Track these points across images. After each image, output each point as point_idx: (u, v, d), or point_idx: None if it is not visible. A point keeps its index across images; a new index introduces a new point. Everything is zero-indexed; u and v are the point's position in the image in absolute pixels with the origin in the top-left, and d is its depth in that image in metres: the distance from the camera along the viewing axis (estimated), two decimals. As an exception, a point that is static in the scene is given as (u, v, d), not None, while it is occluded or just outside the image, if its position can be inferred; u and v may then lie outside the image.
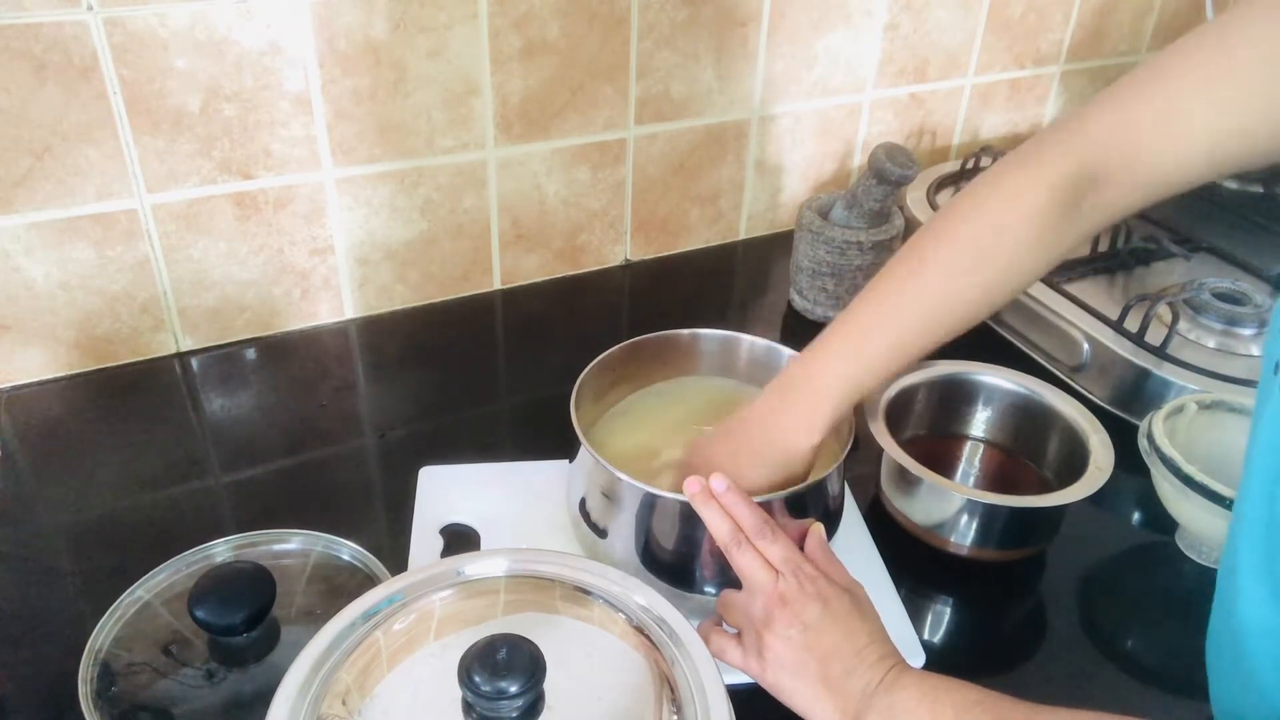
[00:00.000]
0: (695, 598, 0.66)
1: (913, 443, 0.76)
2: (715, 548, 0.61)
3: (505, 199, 1.03)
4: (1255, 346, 0.91)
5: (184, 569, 0.66)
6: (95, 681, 0.58)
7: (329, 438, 0.86)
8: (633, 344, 0.77)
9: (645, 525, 0.66)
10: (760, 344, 0.78)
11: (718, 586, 0.65)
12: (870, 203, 0.98)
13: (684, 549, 0.66)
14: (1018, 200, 0.61)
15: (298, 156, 0.91)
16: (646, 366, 0.79)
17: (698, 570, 0.66)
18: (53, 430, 0.86)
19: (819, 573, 0.59)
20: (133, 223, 0.87)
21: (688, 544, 0.65)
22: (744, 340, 0.79)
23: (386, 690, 0.47)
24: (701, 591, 0.66)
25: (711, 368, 0.80)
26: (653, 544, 0.66)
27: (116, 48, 0.80)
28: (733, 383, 0.80)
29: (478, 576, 0.54)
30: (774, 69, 1.10)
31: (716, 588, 0.65)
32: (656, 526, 0.66)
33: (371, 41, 0.88)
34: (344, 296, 1.01)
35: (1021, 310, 0.99)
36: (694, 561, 0.66)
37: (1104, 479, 0.70)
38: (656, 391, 0.80)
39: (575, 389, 0.71)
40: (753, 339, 0.79)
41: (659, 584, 0.66)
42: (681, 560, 0.66)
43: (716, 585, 0.66)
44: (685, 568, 0.66)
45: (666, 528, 0.65)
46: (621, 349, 0.76)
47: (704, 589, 0.66)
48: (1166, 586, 0.75)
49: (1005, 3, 1.20)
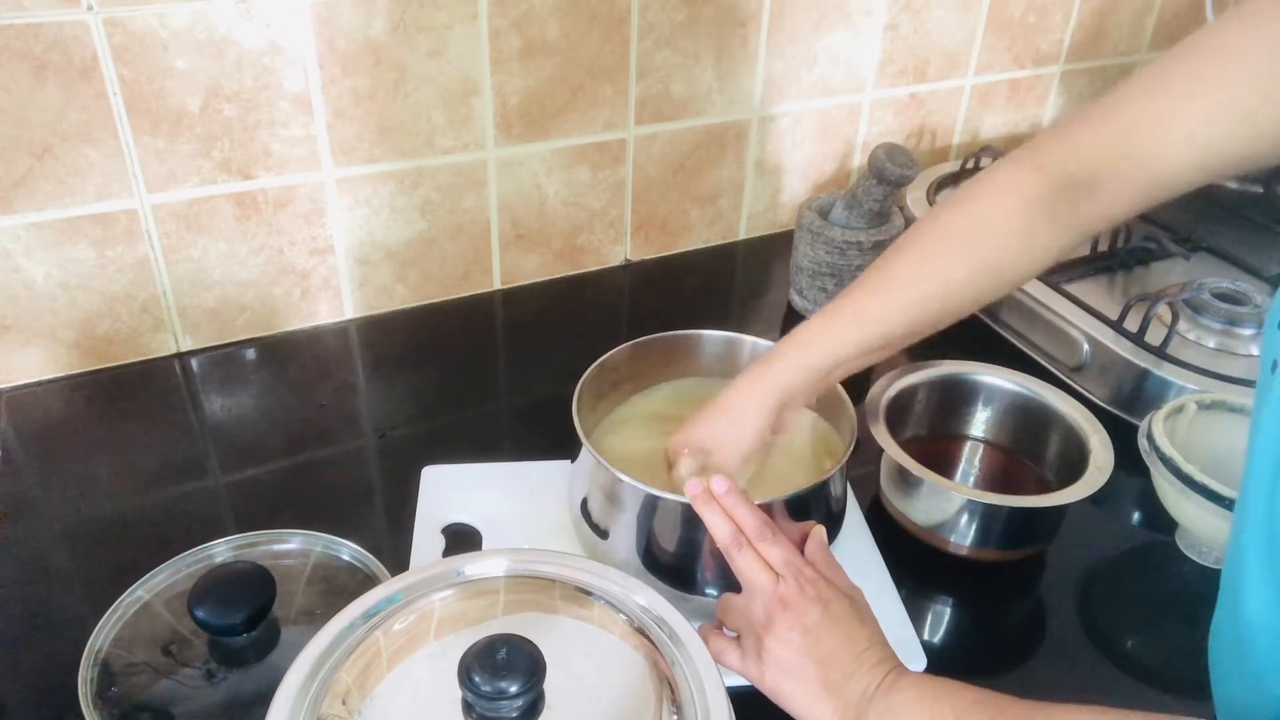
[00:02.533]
0: (696, 599, 0.66)
1: (913, 443, 0.76)
2: (716, 549, 0.61)
3: (505, 199, 1.03)
4: (1255, 346, 0.91)
5: (184, 569, 0.66)
6: (95, 681, 0.58)
7: (329, 438, 0.86)
8: (635, 344, 0.77)
9: (646, 527, 0.66)
10: (763, 345, 0.78)
11: (719, 588, 0.65)
12: (870, 203, 0.98)
13: (685, 551, 0.66)
14: (1007, 194, 0.62)
15: (298, 156, 0.91)
16: (649, 367, 0.79)
17: (699, 572, 0.66)
18: (53, 430, 0.86)
19: (819, 575, 0.59)
20: (133, 223, 0.87)
21: (689, 546, 0.65)
22: (747, 341, 0.79)
23: (386, 690, 0.47)
24: (702, 593, 0.66)
25: (714, 369, 0.80)
26: (654, 545, 0.66)
27: (116, 48, 0.80)
28: None
29: (478, 576, 0.54)
30: (774, 69, 1.10)
31: (718, 590, 0.65)
32: (658, 528, 0.66)
33: (371, 41, 0.88)
34: (344, 296, 1.00)
35: (1021, 310, 0.99)
36: (695, 563, 0.66)
37: (1104, 479, 0.70)
38: (659, 392, 0.80)
39: (577, 389, 0.71)
40: (755, 340, 0.78)
41: (660, 585, 0.66)
42: (683, 562, 0.66)
43: (718, 587, 0.66)
44: (686, 569, 0.66)
45: (668, 529, 0.65)
46: (624, 349, 0.76)
47: (705, 591, 0.66)
48: (1166, 586, 0.75)
49: (1005, 3, 1.20)
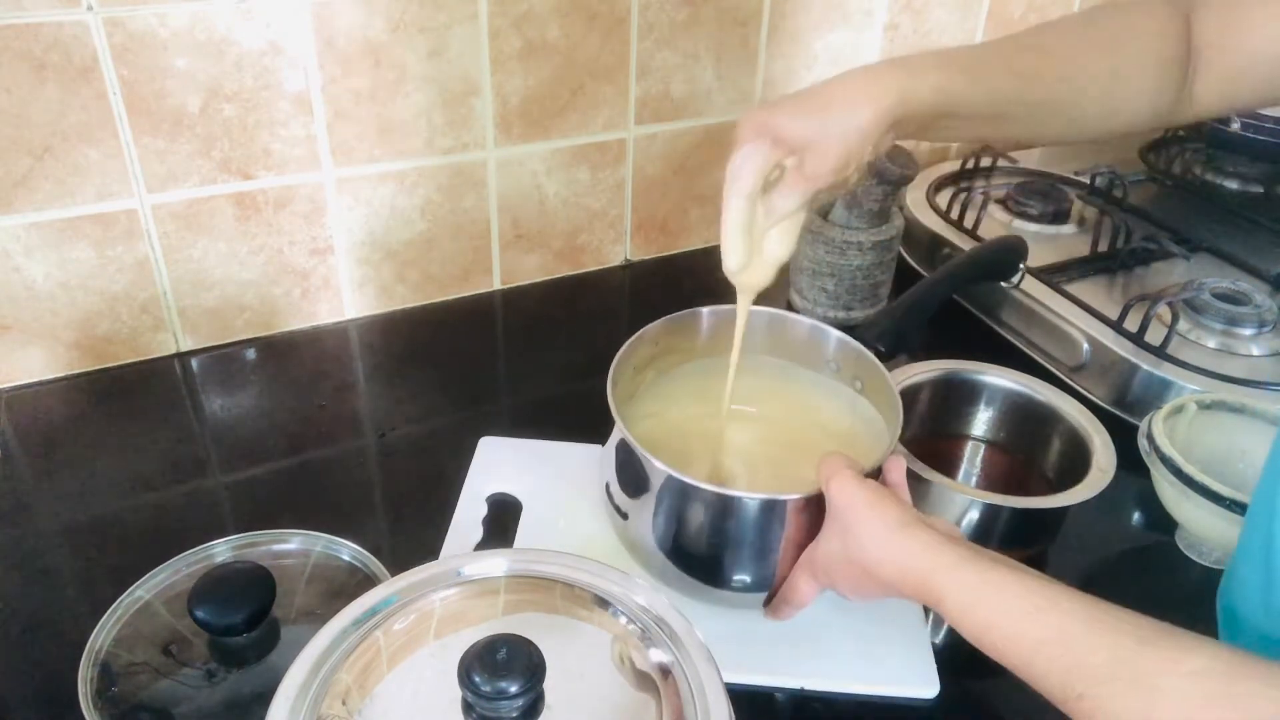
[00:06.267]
0: (716, 592, 0.65)
1: (914, 442, 0.76)
2: (737, 537, 0.60)
3: (505, 199, 1.03)
4: (1255, 346, 0.91)
5: (184, 569, 0.66)
6: (95, 681, 0.58)
7: (329, 438, 0.86)
8: (676, 318, 0.74)
9: (670, 510, 0.64)
10: (805, 323, 0.76)
11: (748, 577, 0.64)
12: (870, 203, 0.98)
13: (710, 539, 0.63)
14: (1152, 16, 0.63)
15: (298, 156, 0.91)
16: (685, 342, 0.76)
17: (725, 563, 0.64)
18: (53, 430, 0.86)
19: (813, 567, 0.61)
20: (133, 223, 0.87)
21: (714, 535, 0.63)
22: (789, 318, 0.76)
23: (386, 690, 0.47)
24: (725, 585, 0.65)
25: (755, 345, 0.76)
26: (678, 533, 0.64)
27: (116, 48, 0.80)
28: (779, 362, 0.78)
29: (478, 576, 0.54)
30: (774, 69, 1.10)
31: (746, 580, 0.64)
32: (680, 512, 0.64)
33: (371, 41, 0.88)
34: (344, 296, 1.00)
35: (1021, 310, 0.99)
36: (721, 552, 0.64)
37: (1107, 480, 0.70)
38: (695, 368, 0.77)
39: (613, 366, 0.68)
40: (798, 317, 0.76)
41: (679, 574, 0.65)
42: (707, 551, 0.64)
43: (746, 576, 0.64)
44: (713, 559, 0.64)
45: (691, 514, 0.63)
46: (660, 325, 0.73)
47: (730, 583, 0.64)
48: (1166, 586, 0.75)
49: (1005, 3, 1.20)
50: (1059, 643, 0.45)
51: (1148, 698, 0.41)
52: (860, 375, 0.74)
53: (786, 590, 0.63)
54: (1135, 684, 0.42)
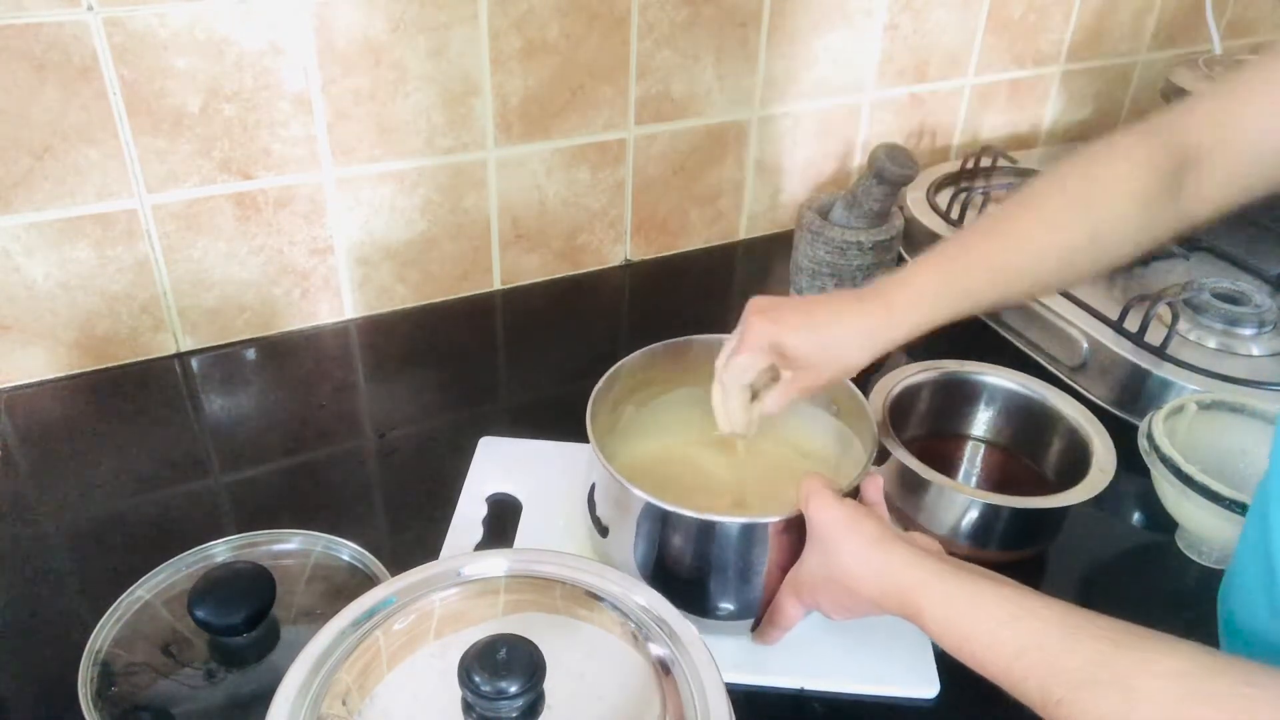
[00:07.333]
0: (702, 621, 0.64)
1: (914, 443, 0.76)
2: (718, 564, 0.61)
3: (505, 199, 1.03)
4: (1255, 346, 0.91)
5: (184, 569, 0.66)
6: (95, 682, 0.58)
7: (329, 438, 0.86)
8: (667, 344, 0.75)
9: (650, 536, 0.64)
10: None
11: (733, 605, 0.64)
12: (870, 203, 0.98)
13: (693, 565, 0.64)
14: (1124, 158, 0.63)
15: (298, 156, 0.91)
16: (667, 373, 0.77)
17: (711, 589, 0.64)
18: (53, 430, 0.86)
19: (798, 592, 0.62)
20: (133, 223, 0.87)
21: (698, 560, 0.63)
22: None
23: (386, 690, 0.47)
24: (710, 614, 0.65)
25: None
26: (658, 557, 0.65)
27: (116, 48, 0.80)
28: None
29: (478, 576, 0.54)
30: (774, 69, 1.10)
31: (730, 607, 0.65)
32: (661, 539, 0.64)
33: (371, 41, 0.88)
34: (344, 296, 1.00)
35: (1021, 310, 0.99)
36: (706, 578, 0.64)
37: (1107, 480, 0.71)
38: (679, 398, 0.78)
39: (592, 396, 0.69)
40: None
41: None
42: (690, 577, 0.64)
43: (730, 604, 0.65)
44: (697, 584, 0.64)
45: (673, 543, 0.64)
46: (642, 355, 0.74)
47: (716, 610, 0.65)
48: (1166, 586, 0.75)
49: (1005, 3, 1.20)
50: (1036, 649, 0.46)
51: (1125, 699, 0.42)
52: (836, 399, 0.74)
53: (772, 613, 0.64)
54: (1112, 686, 0.42)
